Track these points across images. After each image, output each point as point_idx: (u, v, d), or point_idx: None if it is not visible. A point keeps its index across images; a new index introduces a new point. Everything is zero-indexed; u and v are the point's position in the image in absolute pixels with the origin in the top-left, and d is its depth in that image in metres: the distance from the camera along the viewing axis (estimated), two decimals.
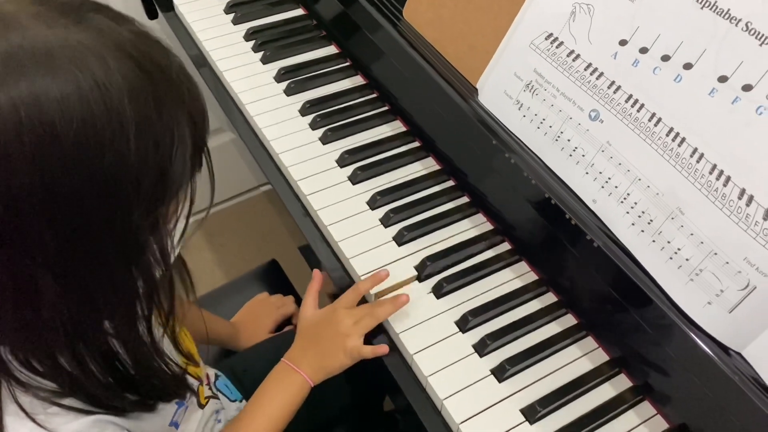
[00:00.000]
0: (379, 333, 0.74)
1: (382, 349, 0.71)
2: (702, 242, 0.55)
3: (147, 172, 0.44)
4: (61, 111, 0.40)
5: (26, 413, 0.49)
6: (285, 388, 0.72)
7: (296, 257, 1.09)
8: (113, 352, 0.52)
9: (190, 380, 0.66)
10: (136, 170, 0.43)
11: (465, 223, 0.83)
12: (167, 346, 0.62)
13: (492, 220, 0.82)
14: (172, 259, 0.52)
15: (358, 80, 0.98)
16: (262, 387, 0.73)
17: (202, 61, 1.03)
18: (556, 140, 0.67)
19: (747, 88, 0.53)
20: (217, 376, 0.87)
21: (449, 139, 0.85)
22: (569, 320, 0.74)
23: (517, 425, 0.66)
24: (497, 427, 0.65)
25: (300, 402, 0.72)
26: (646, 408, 0.68)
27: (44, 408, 0.50)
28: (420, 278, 0.77)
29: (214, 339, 0.98)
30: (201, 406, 0.74)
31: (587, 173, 0.64)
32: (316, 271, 0.77)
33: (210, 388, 0.79)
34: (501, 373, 0.69)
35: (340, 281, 0.79)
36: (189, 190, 0.51)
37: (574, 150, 0.65)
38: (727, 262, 0.54)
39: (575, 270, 0.72)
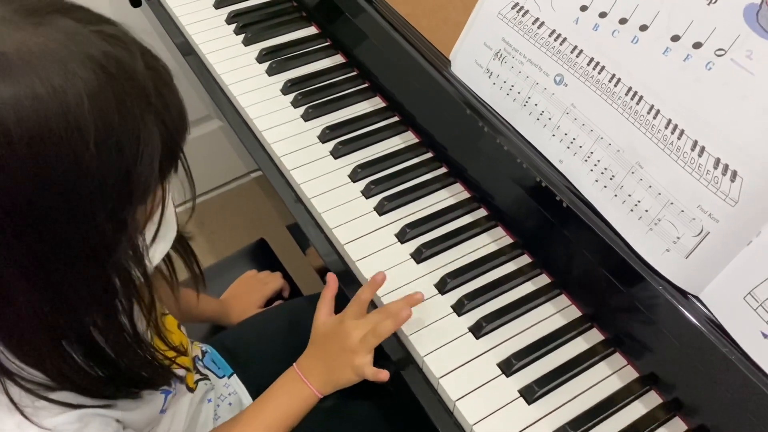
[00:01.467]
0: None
1: (382, 374, 0.70)
2: (659, 193, 0.59)
3: (109, 174, 0.44)
4: (16, 115, 0.40)
5: (15, 405, 0.50)
6: (290, 397, 0.72)
7: (284, 236, 1.12)
8: (98, 345, 0.52)
9: (178, 370, 0.67)
10: (97, 173, 0.43)
11: (443, 193, 0.86)
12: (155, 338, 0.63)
13: (469, 189, 0.85)
14: (148, 258, 0.52)
15: (338, 59, 1.01)
16: (269, 390, 0.74)
17: (188, 48, 1.05)
18: (524, 105, 0.70)
19: (697, 45, 0.56)
20: (204, 353, 0.89)
21: (426, 111, 0.88)
22: (543, 279, 0.77)
23: (494, 378, 0.69)
24: (475, 381, 0.69)
25: (305, 412, 0.73)
26: (617, 359, 0.71)
27: (32, 401, 0.51)
28: (401, 242, 0.80)
29: (204, 317, 1.01)
30: (190, 390, 0.75)
31: (554, 135, 0.68)
32: (330, 274, 0.76)
33: (199, 371, 0.81)
34: (478, 330, 0.72)
35: (335, 265, 0.81)
36: (163, 192, 0.51)
37: (541, 114, 0.68)
38: (683, 211, 0.57)
39: (547, 231, 0.75)
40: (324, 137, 0.90)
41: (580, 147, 0.65)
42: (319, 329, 0.75)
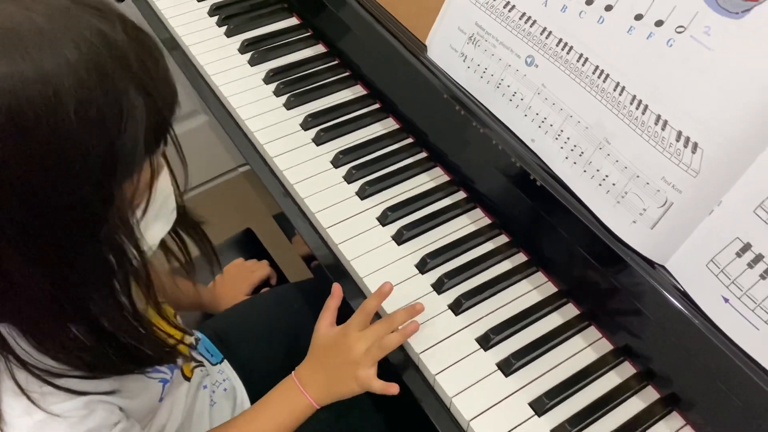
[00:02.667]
0: (343, 277, 0.79)
1: (392, 388, 0.68)
2: (626, 167, 0.61)
3: (93, 145, 0.44)
4: None
5: (22, 390, 0.51)
6: (287, 407, 0.72)
7: (270, 226, 1.13)
8: (98, 321, 0.53)
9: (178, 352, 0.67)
10: (79, 143, 0.44)
11: (423, 176, 0.88)
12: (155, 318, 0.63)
13: (448, 172, 0.87)
14: (140, 233, 0.52)
15: (319, 48, 1.02)
16: (266, 398, 0.73)
17: (173, 44, 1.07)
18: (498, 87, 0.72)
19: (659, 23, 0.58)
20: (197, 341, 0.90)
21: (406, 97, 0.90)
22: (520, 258, 0.79)
23: (473, 352, 0.71)
24: (454, 355, 0.70)
25: (300, 421, 0.72)
26: (592, 332, 0.73)
27: (39, 386, 0.52)
28: (383, 225, 0.82)
29: (194, 305, 1.02)
30: (187, 378, 0.76)
31: (526, 115, 0.70)
32: (335, 285, 0.75)
33: (194, 358, 0.81)
34: (457, 307, 0.74)
35: (320, 250, 0.82)
36: (151, 166, 0.51)
37: (513, 95, 0.70)
38: (648, 183, 0.59)
39: (523, 210, 0.77)
40: (306, 125, 0.92)
41: (551, 126, 0.67)
42: (321, 339, 0.73)
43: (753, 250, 0.54)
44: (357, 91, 0.97)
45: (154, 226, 0.56)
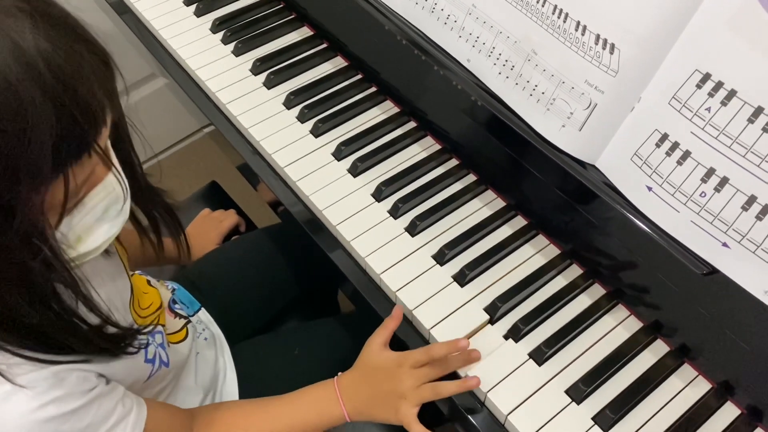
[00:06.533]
0: (311, 219, 0.82)
1: None
2: (552, 75, 0.64)
3: None
4: None
5: None
6: (318, 408, 0.72)
7: (236, 178, 1.16)
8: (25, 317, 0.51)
9: (142, 338, 0.65)
10: None
11: (374, 110, 0.91)
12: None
13: (398, 104, 0.90)
14: (55, 238, 0.49)
15: None
16: (301, 392, 0.73)
17: (123, 7, 1.07)
18: (432, 11, 0.74)
19: None
20: (173, 291, 0.93)
21: (351, 34, 0.92)
22: (470, 178, 0.83)
23: (430, 268, 0.75)
24: (413, 272, 0.75)
25: (326, 427, 0.72)
26: (540, 240, 0.78)
27: (6, 358, 0.51)
28: (338, 160, 0.85)
29: (165, 260, 1.05)
30: (181, 340, 0.78)
31: (460, 36, 0.72)
32: (397, 306, 0.73)
33: (179, 314, 0.83)
34: (413, 229, 0.78)
35: (279, 189, 0.85)
36: (66, 179, 0.47)
37: (447, 18, 0.73)
38: (573, 87, 0.63)
39: (469, 132, 0.80)
40: (256, 70, 0.93)
41: (484, 44, 0.70)
42: (372, 357, 0.71)
43: (670, 139, 0.58)
44: (304, 32, 0.99)
45: (99, 228, 0.54)
